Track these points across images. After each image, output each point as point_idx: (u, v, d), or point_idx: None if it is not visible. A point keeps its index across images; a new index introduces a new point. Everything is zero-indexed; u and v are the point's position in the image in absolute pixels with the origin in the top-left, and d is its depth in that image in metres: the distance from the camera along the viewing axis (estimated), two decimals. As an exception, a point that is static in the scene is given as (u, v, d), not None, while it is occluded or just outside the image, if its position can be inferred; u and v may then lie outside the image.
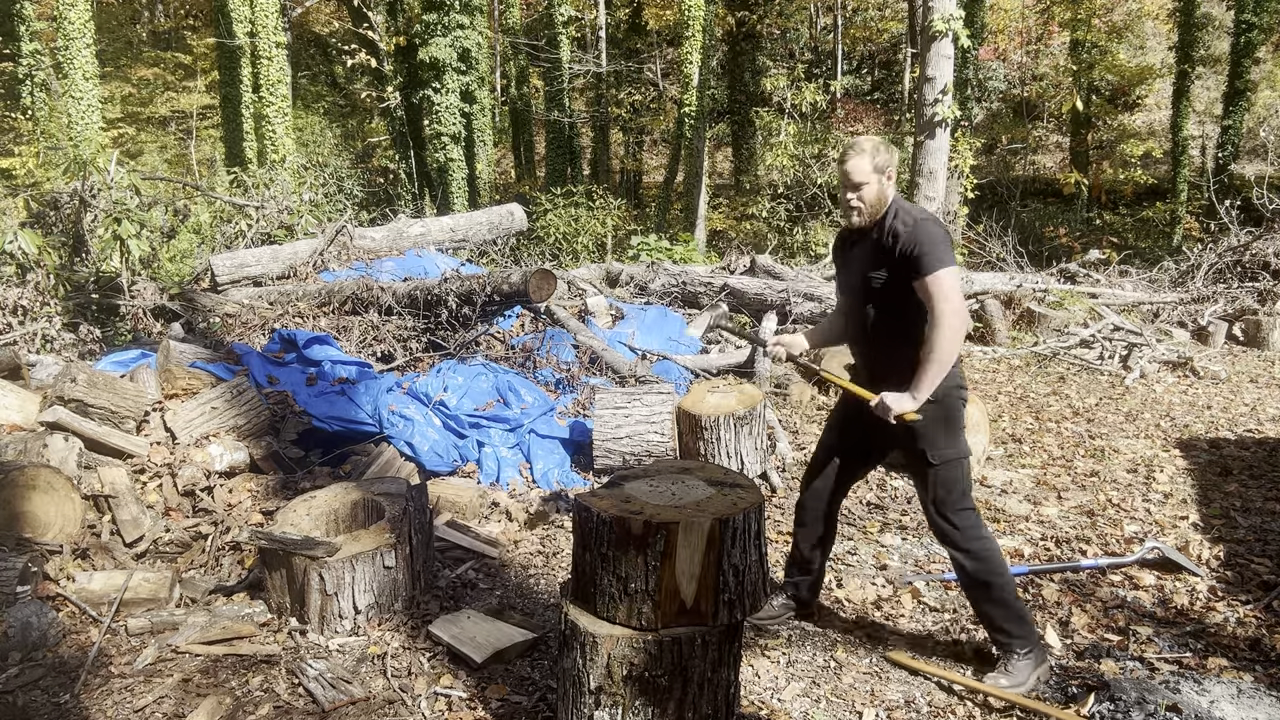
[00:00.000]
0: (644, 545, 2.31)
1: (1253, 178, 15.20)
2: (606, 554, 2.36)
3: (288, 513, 3.63)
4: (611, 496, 2.48)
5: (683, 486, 2.56)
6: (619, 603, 2.36)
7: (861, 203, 2.99)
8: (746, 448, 4.99)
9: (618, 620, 2.37)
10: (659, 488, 2.56)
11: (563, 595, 2.57)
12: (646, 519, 2.31)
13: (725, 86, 21.85)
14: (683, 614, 2.35)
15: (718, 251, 16.32)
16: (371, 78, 21.84)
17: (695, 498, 2.48)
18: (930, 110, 11.61)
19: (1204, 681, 2.92)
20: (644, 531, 2.30)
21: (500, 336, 6.76)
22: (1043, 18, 22.45)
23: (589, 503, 2.43)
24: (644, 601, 2.33)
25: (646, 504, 2.42)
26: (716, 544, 2.33)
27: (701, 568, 2.33)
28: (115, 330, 7.28)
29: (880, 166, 2.96)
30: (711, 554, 2.33)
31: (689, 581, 2.33)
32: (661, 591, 2.32)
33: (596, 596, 2.40)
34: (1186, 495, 4.87)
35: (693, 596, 2.34)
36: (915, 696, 2.98)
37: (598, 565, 2.39)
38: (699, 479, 2.62)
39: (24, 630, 3.13)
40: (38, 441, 3.92)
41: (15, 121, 17.59)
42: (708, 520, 2.32)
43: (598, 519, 2.38)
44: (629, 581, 2.33)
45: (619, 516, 2.34)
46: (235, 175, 11.32)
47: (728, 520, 2.34)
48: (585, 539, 2.44)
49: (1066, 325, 9.02)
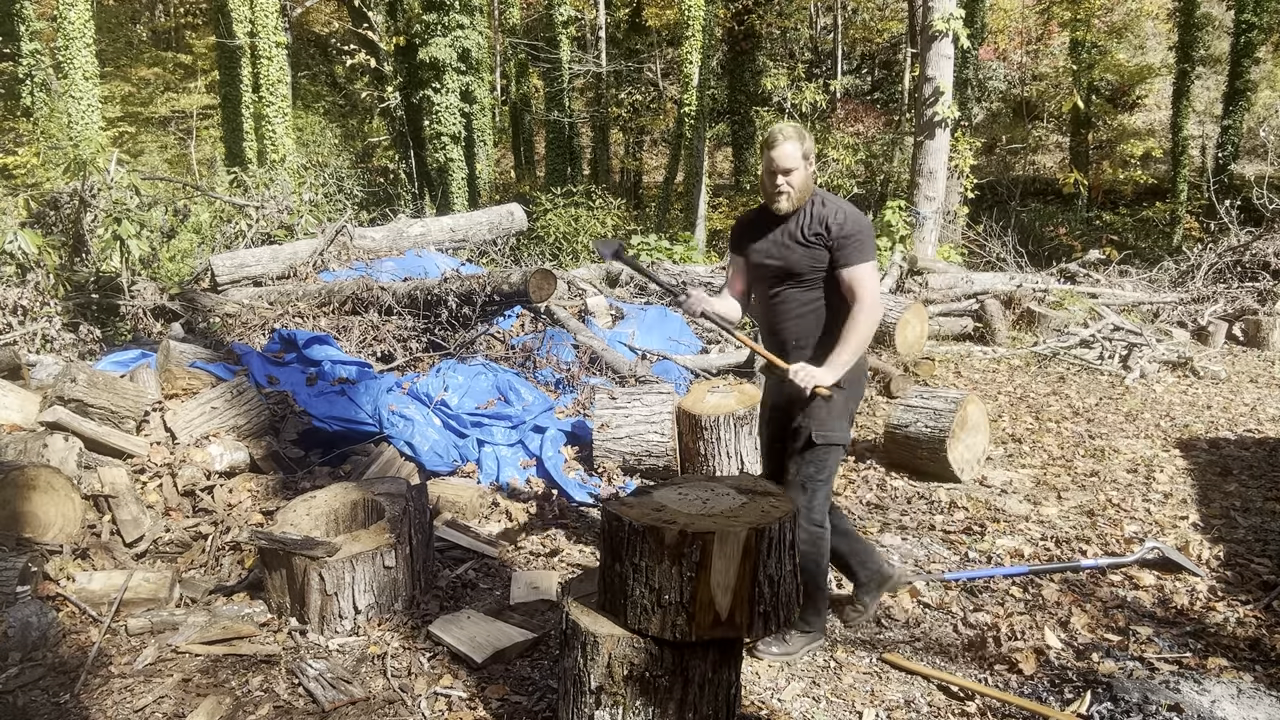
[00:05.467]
0: (678, 556, 2.25)
1: (1253, 178, 15.20)
2: (639, 564, 2.30)
3: (288, 513, 3.63)
4: (641, 505, 2.42)
5: (712, 494, 2.51)
6: (652, 614, 2.29)
7: (790, 188, 3.04)
8: (746, 447, 4.99)
9: (650, 633, 2.30)
10: (688, 495, 2.50)
11: (562, 595, 2.57)
12: (681, 528, 2.25)
13: (725, 86, 21.85)
14: (718, 625, 2.30)
15: (718, 251, 16.33)
16: (371, 78, 21.85)
17: (726, 506, 2.42)
18: (930, 110, 11.62)
19: (1204, 681, 2.92)
20: (678, 541, 2.24)
21: (500, 336, 6.76)
22: (1043, 18, 22.45)
23: (619, 511, 2.36)
24: (679, 613, 2.27)
25: (678, 512, 2.36)
26: (752, 554, 2.27)
27: (737, 579, 2.27)
28: (115, 330, 7.28)
29: (807, 153, 3.05)
30: (747, 564, 2.27)
31: (724, 593, 2.27)
32: (696, 603, 2.26)
33: (627, 608, 2.34)
34: (1186, 495, 4.87)
35: (727, 608, 2.29)
36: (915, 696, 2.98)
37: (629, 576, 2.32)
38: (728, 486, 2.58)
39: (24, 630, 3.12)
40: (38, 441, 3.92)
41: (15, 121, 17.59)
42: (743, 530, 2.25)
43: (629, 528, 2.31)
44: (663, 593, 2.27)
45: (652, 526, 2.27)
46: (235, 175, 11.33)
47: (763, 530, 2.28)
48: (615, 549, 2.37)
49: (1066, 325, 9.02)
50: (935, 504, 4.76)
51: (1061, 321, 9.10)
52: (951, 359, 8.14)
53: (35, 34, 17.16)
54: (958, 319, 9.11)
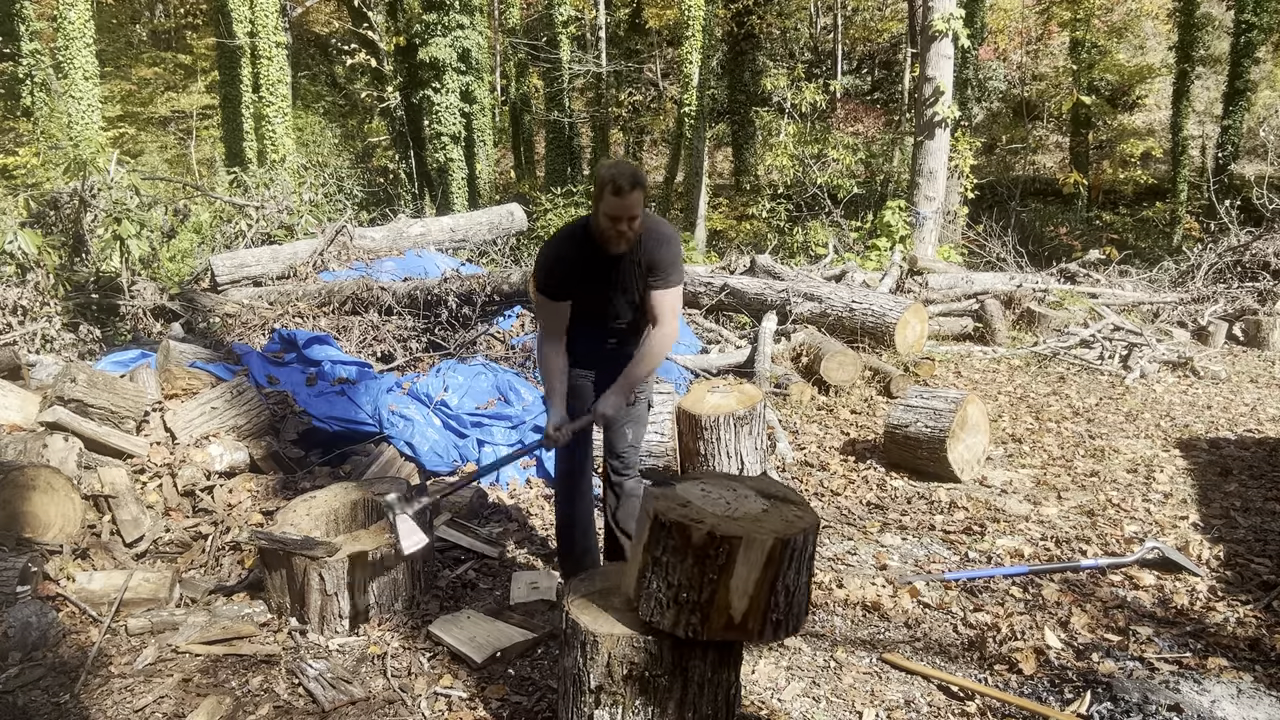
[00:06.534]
0: (703, 556, 2.24)
1: (1253, 178, 15.20)
2: (660, 558, 2.30)
3: (288, 513, 3.63)
4: (667, 498, 2.41)
5: (735, 495, 2.49)
6: (666, 609, 2.29)
7: (633, 231, 3.00)
8: (746, 448, 4.99)
9: (663, 626, 2.30)
10: (711, 494, 2.48)
11: (562, 595, 2.57)
12: (710, 530, 2.24)
13: (725, 86, 21.85)
14: (730, 628, 2.30)
15: (718, 251, 16.33)
16: (371, 78, 21.83)
17: (750, 510, 2.40)
18: (930, 110, 11.63)
19: (1204, 681, 2.93)
20: (706, 543, 2.23)
21: (500, 336, 6.76)
22: (1042, 18, 22.45)
23: (650, 503, 2.37)
24: (694, 613, 2.27)
25: (704, 511, 2.35)
26: (775, 564, 2.26)
27: (756, 585, 2.26)
28: (115, 330, 7.28)
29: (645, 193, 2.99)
30: (768, 573, 2.26)
31: (741, 598, 2.26)
32: (714, 605, 2.26)
33: (642, 598, 2.34)
34: (1186, 495, 4.87)
35: (742, 613, 2.28)
36: (915, 696, 2.98)
37: (649, 567, 2.32)
38: (749, 488, 2.56)
39: (24, 630, 3.12)
40: (38, 441, 3.92)
41: (15, 121, 17.58)
42: (770, 539, 2.24)
43: (657, 521, 2.30)
44: (681, 590, 2.27)
45: (680, 523, 2.26)
46: (235, 175, 11.33)
47: (789, 541, 2.26)
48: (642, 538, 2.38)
49: (1066, 325, 9.02)
50: (935, 504, 4.76)
51: (1061, 321, 9.10)
52: (951, 359, 8.14)
53: (35, 34, 17.15)
54: (958, 319, 9.11)
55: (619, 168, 2.95)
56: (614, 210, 2.93)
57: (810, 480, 5.16)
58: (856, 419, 6.29)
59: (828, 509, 4.75)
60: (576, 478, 3.53)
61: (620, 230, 2.97)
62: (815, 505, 4.81)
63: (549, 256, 3.17)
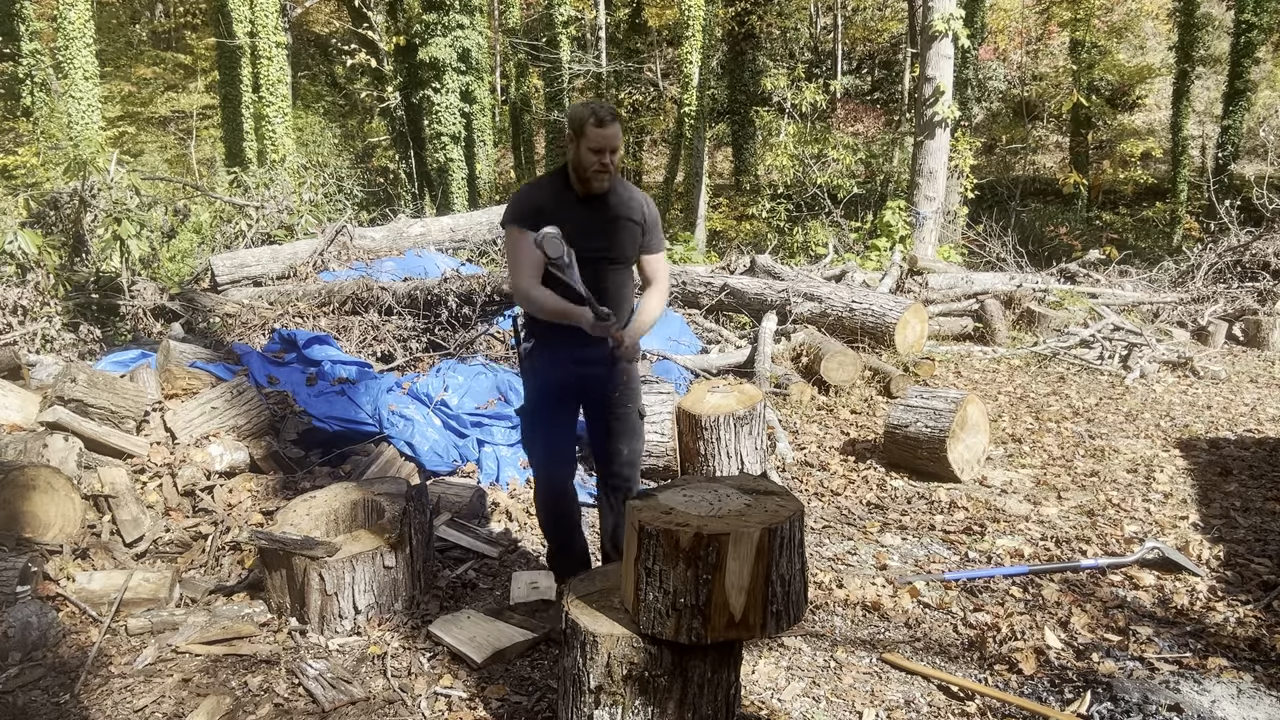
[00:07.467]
0: (694, 559, 2.24)
1: (1253, 178, 15.20)
2: (651, 568, 2.29)
3: (288, 513, 3.63)
4: (650, 508, 2.41)
5: (717, 495, 2.50)
6: (666, 618, 2.28)
7: (613, 165, 3.01)
8: (746, 447, 4.99)
9: (665, 635, 2.30)
10: (693, 498, 2.49)
11: (561, 594, 2.57)
12: (696, 531, 2.24)
13: (725, 86, 21.84)
14: (732, 627, 2.30)
15: (718, 251, 16.33)
16: (371, 78, 21.84)
17: (733, 507, 2.41)
18: (930, 110, 11.63)
19: (1204, 681, 2.93)
20: (694, 544, 2.24)
21: (500, 336, 6.75)
22: (1042, 18, 22.45)
23: (633, 515, 2.36)
24: (694, 616, 2.27)
25: (689, 515, 2.35)
26: (765, 555, 2.27)
27: (751, 579, 2.27)
28: (115, 330, 7.28)
29: (622, 127, 3.07)
30: (761, 565, 2.27)
31: (738, 594, 2.27)
32: (712, 605, 2.26)
33: (641, 611, 2.33)
34: (1186, 495, 4.87)
35: (741, 609, 2.28)
36: (915, 697, 2.98)
37: (641, 579, 2.32)
38: (730, 486, 2.56)
39: (24, 630, 3.12)
40: (38, 441, 3.92)
41: (15, 121, 17.59)
42: (756, 530, 2.25)
43: (643, 531, 2.30)
44: (678, 596, 2.26)
45: (666, 529, 2.26)
46: (235, 175, 11.34)
47: (775, 529, 2.27)
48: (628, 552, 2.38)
49: (1066, 325, 9.02)
50: (935, 504, 4.76)
51: (1061, 321, 9.10)
52: (951, 359, 8.14)
53: (35, 34, 17.15)
54: (958, 319, 9.11)
55: (595, 103, 3.06)
56: (597, 142, 2.94)
57: (810, 480, 5.17)
58: (856, 419, 6.29)
59: (828, 509, 4.75)
60: (559, 471, 3.50)
61: (604, 164, 2.99)
62: (815, 505, 4.81)
63: (522, 193, 3.21)
